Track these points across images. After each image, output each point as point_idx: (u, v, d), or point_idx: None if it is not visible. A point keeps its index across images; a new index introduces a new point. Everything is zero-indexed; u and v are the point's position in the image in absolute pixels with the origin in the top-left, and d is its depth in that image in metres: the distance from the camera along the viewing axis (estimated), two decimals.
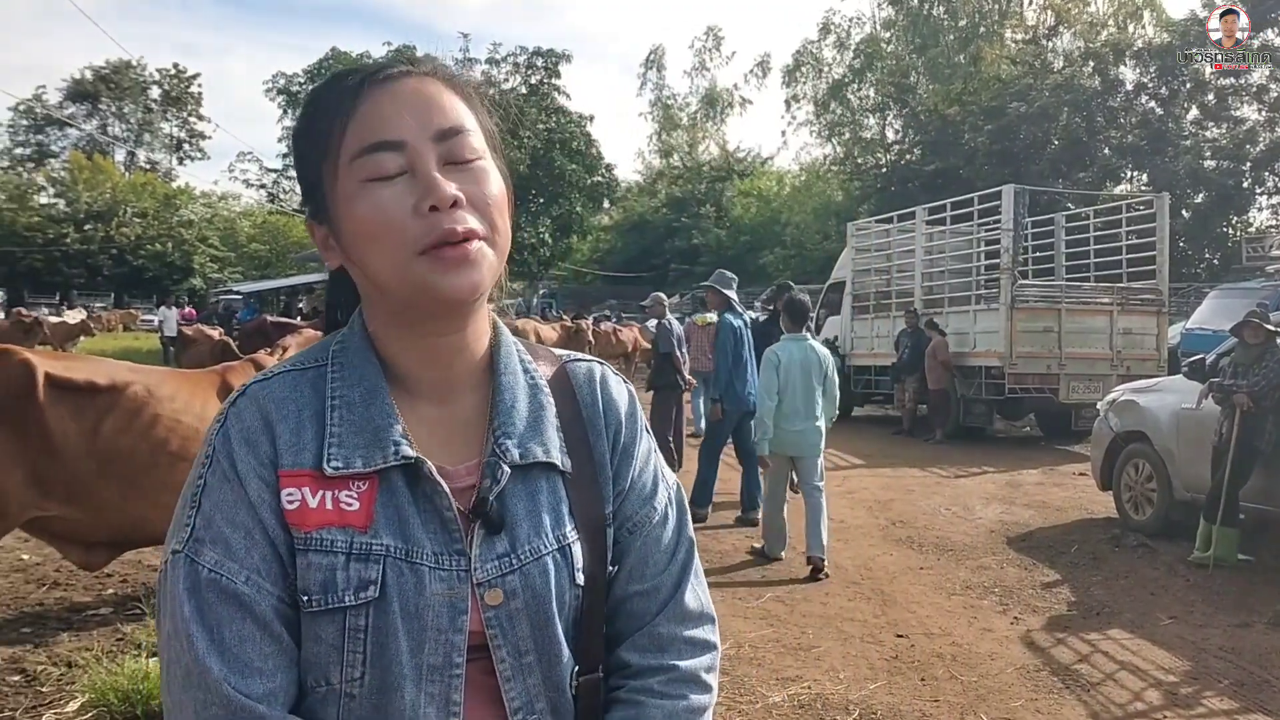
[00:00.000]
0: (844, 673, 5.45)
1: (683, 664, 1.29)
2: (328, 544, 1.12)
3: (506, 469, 1.19)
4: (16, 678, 4.94)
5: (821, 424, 7.71)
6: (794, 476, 7.81)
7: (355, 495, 1.14)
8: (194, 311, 27.64)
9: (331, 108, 1.17)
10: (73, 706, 4.52)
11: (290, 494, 1.13)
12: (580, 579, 1.22)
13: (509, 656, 1.17)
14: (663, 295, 12.28)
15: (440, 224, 1.11)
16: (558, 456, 1.24)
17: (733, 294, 9.52)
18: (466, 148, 1.17)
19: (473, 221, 1.13)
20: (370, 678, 1.12)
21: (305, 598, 1.12)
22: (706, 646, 1.32)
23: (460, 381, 1.24)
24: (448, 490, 1.16)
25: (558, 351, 1.38)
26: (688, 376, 11.64)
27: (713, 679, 1.32)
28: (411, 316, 1.18)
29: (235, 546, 1.12)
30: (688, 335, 12.30)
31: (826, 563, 7.37)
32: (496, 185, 1.18)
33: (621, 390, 1.36)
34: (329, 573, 1.11)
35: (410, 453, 1.15)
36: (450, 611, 1.14)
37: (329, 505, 1.13)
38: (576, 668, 1.22)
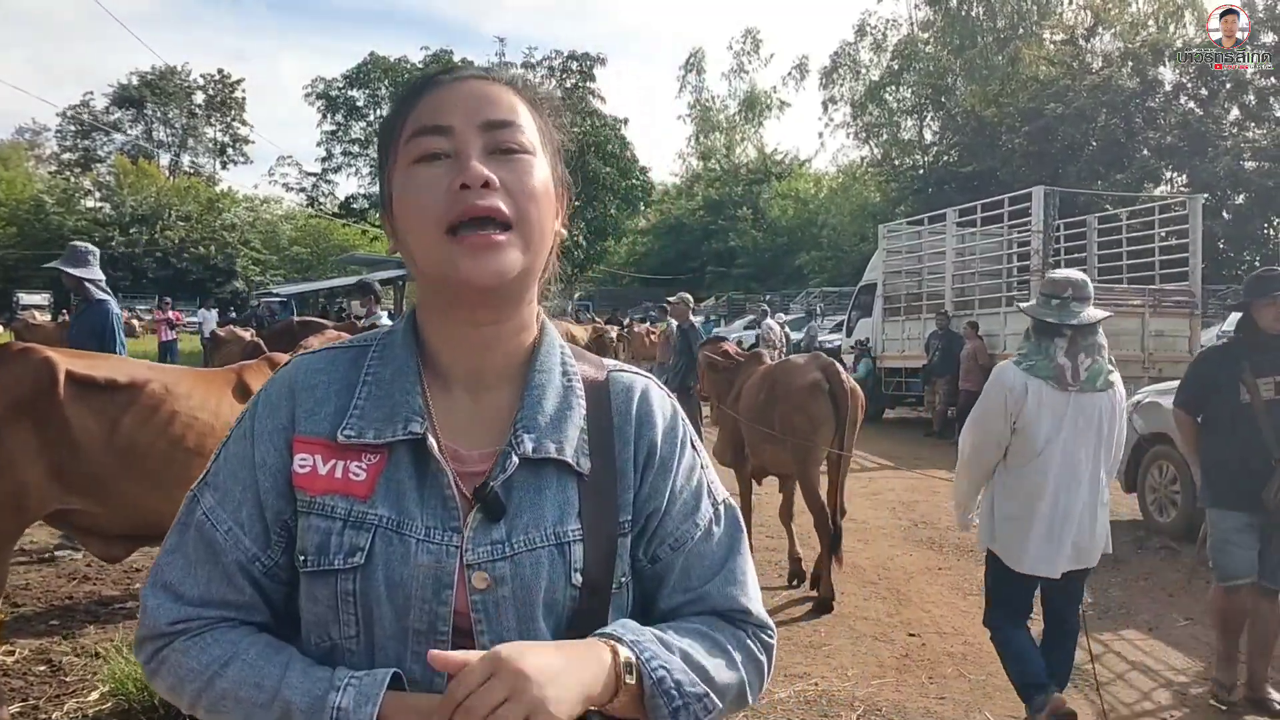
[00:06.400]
0: (852, 670, 5.49)
1: (725, 636, 1.32)
2: (329, 509, 1.21)
3: (516, 460, 1.22)
4: (43, 668, 5.10)
5: None
6: None
7: (364, 467, 1.22)
8: (179, 315, 28.06)
9: (402, 102, 1.28)
10: (94, 696, 4.67)
11: (303, 459, 1.23)
12: (577, 579, 1.23)
13: (490, 644, 1.17)
14: (688, 296, 12.31)
15: (467, 199, 1.17)
16: (573, 456, 1.26)
17: (93, 273, 7.26)
18: (512, 139, 1.22)
19: (502, 204, 1.18)
20: (364, 636, 1.21)
21: (302, 558, 1.22)
22: (763, 644, 1.35)
23: (495, 373, 1.29)
24: (450, 470, 1.22)
25: (608, 361, 1.41)
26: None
27: (763, 661, 1.34)
28: (446, 301, 1.25)
29: (230, 498, 1.25)
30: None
31: None
32: (538, 179, 1.23)
33: (664, 405, 1.37)
34: (325, 536, 1.20)
35: (417, 430, 1.22)
36: (434, 584, 1.18)
37: (338, 474, 1.22)
38: None
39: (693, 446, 1.38)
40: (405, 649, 1.20)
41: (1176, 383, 9.79)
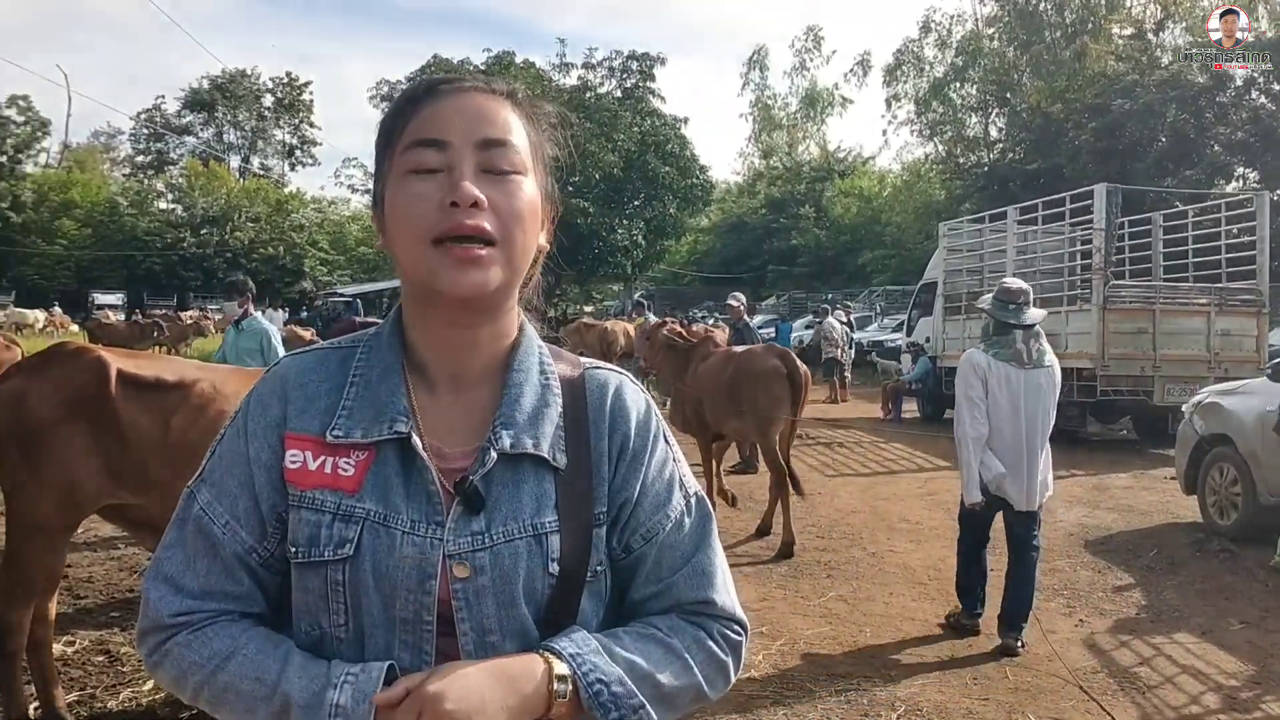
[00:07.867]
0: (896, 670, 5.48)
1: (699, 630, 1.37)
2: (319, 503, 1.28)
3: (494, 455, 1.28)
4: (101, 658, 5.27)
5: None
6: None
7: (353, 463, 1.29)
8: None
9: (402, 106, 1.32)
10: (148, 685, 4.81)
11: (294, 455, 1.30)
12: (554, 568, 1.28)
13: (471, 632, 1.26)
14: (741, 296, 12.31)
15: (455, 217, 1.23)
16: (549, 451, 1.31)
17: None
18: (505, 160, 1.28)
19: (488, 225, 1.24)
20: (352, 624, 1.27)
21: (294, 549, 1.29)
22: (728, 641, 1.38)
23: (475, 373, 1.35)
24: (434, 467, 1.28)
25: (585, 360, 1.47)
26: None
27: (726, 660, 1.37)
28: (430, 305, 1.31)
29: (226, 493, 1.32)
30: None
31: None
32: (525, 201, 1.29)
33: (637, 400, 1.42)
34: (315, 529, 1.27)
35: (402, 429, 1.29)
36: (418, 574, 1.25)
37: (327, 469, 1.29)
38: None
39: (665, 440, 1.43)
40: (393, 637, 1.26)
41: (1238, 383, 9.71)
